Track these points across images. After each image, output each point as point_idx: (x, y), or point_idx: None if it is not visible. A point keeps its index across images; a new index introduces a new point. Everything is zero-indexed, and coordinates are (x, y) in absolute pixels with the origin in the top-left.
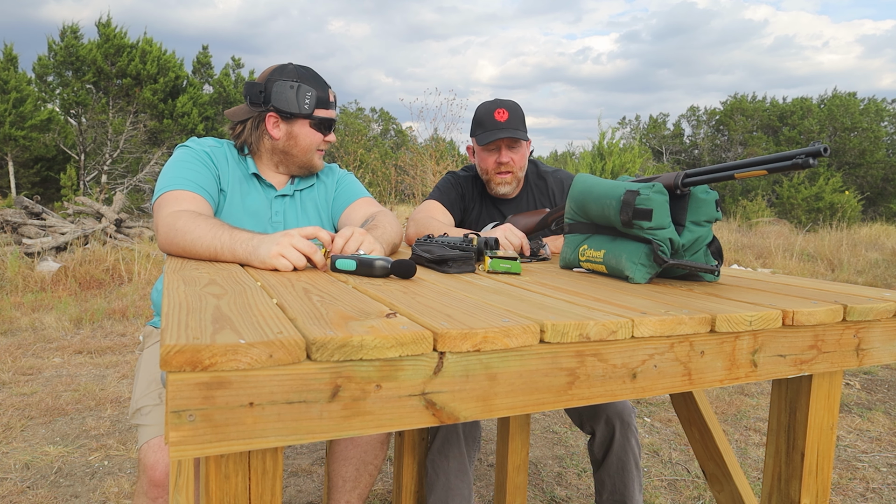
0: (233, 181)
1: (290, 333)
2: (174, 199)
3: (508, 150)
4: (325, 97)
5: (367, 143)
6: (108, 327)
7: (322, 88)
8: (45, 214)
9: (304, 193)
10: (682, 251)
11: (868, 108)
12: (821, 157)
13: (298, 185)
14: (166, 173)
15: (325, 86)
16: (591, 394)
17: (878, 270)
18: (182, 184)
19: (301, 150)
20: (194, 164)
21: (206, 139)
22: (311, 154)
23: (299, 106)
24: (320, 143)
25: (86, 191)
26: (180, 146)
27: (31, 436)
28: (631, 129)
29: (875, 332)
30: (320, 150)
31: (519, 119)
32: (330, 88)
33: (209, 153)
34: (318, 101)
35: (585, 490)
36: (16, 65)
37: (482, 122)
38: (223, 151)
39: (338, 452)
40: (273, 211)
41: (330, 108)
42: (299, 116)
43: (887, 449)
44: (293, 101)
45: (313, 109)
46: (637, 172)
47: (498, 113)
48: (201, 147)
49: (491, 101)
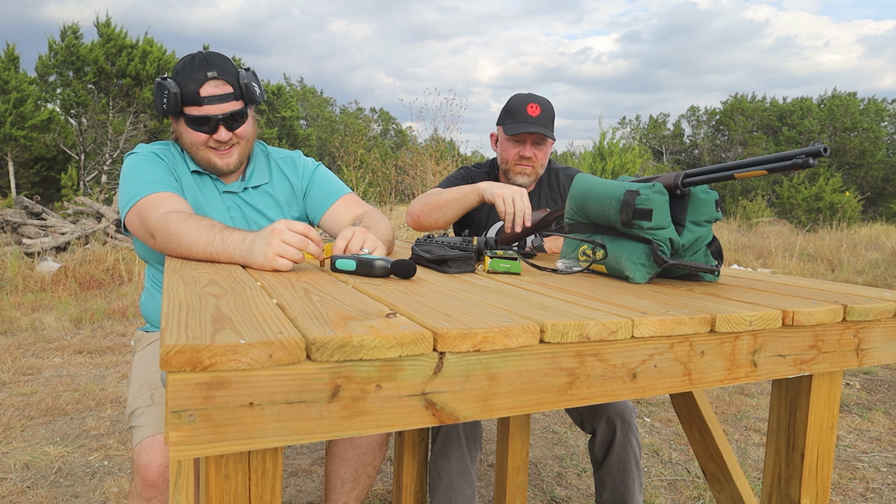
0: (186, 180)
1: (290, 333)
2: (153, 203)
3: (533, 146)
4: (194, 91)
5: (367, 143)
6: (108, 327)
7: (193, 81)
8: (45, 214)
9: (261, 190)
10: (682, 251)
11: (868, 108)
12: (821, 157)
13: (251, 181)
14: (129, 182)
15: (201, 78)
16: (591, 394)
17: (878, 270)
18: (151, 187)
19: (189, 149)
20: (152, 165)
21: (153, 143)
22: (200, 152)
23: (159, 106)
24: (206, 142)
25: (86, 191)
26: (129, 154)
27: (31, 436)
28: (631, 129)
29: (875, 332)
30: (216, 149)
31: (549, 117)
32: (210, 80)
33: (159, 154)
34: (185, 97)
35: (585, 490)
36: (17, 65)
37: (513, 112)
38: (170, 152)
39: (336, 453)
40: (226, 206)
41: (204, 104)
42: (166, 115)
43: (887, 449)
44: (156, 102)
45: (179, 107)
46: (637, 172)
47: (531, 107)
48: (150, 150)
49: (525, 94)
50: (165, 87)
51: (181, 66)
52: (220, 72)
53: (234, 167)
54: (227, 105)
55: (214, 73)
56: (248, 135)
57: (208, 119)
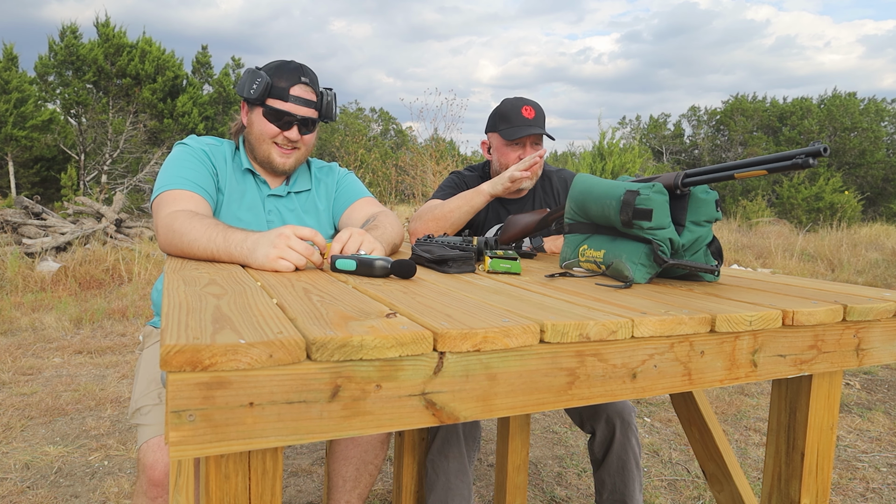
0: (230, 180)
1: (290, 333)
2: (172, 198)
3: (532, 148)
4: (285, 88)
5: (367, 143)
6: (108, 327)
7: (286, 79)
8: (45, 214)
9: (302, 196)
10: (682, 251)
11: (868, 108)
12: (821, 157)
13: (294, 186)
14: (165, 172)
15: (294, 79)
16: (591, 394)
17: (878, 270)
18: (180, 183)
19: (255, 139)
20: (192, 162)
21: (205, 137)
22: (264, 145)
23: (247, 89)
24: (276, 136)
25: (86, 191)
26: (178, 143)
27: (31, 436)
28: (631, 129)
29: (875, 332)
30: (280, 147)
31: (543, 119)
32: (302, 84)
33: (207, 151)
34: (273, 90)
35: (585, 490)
36: (17, 65)
37: (508, 117)
38: (221, 150)
39: (338, 452)
40: (266, 210)
41: (289, 101)
42: (250, 101)
43: (887, 449)
44: (245, 85)
45: (264, 97)
46: (637, 172)
47: (525, 110)
48: (199, 145)
49: (517, 98)
50: (259, 75)
51: (277, 64)
52: (312, 81)
53: (289, 170)
54: (308, 110)
55: (307, 80)
56: (310, 145)
57: (288, 116)
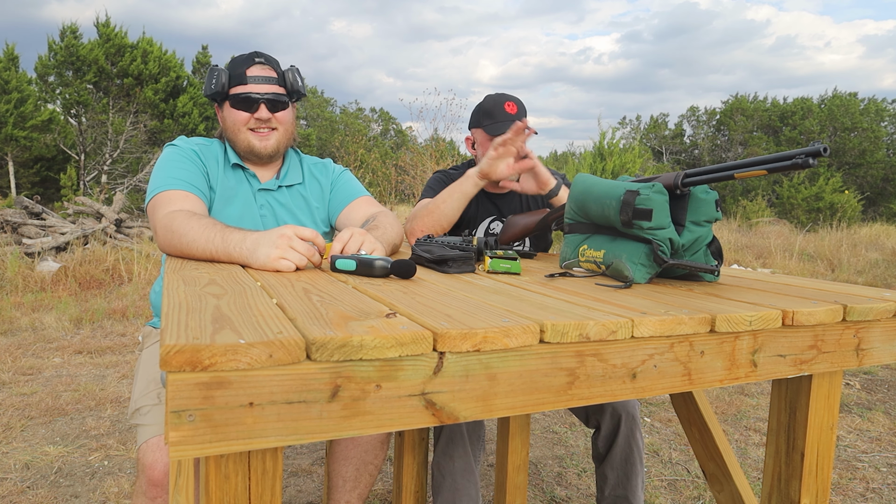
0: (221, 177)
1: (290, 333)
2: (168, 199)
3: None
4: (242, 72)
5: (367, 143)
6: (108, 327)
7: (242, 64)
8: (45, 214)
9: (294, 190)
10: (682, 251)
11: (868, 108)
12: (821, 157)
13: (285, 179)
14: (157, 173)
15: (249, 62)
16: (590, 394)
17: (878, 270)
18: (174, 183)
19: (231, 133)
20: (184, 162)
21: (195, 138)
22: (241, 135)
23: (208, 87)
24: (247, 122)
25: (86, 191)
26: (169, 145)
27: (31, 436)
28: (631, 129)
29: (875, 332)
30: (255, 131)
31: (525, 114)
32: (258, 63)
33: (197, 151)
34: (232, 78)
35: (585, 490)
36: (17, 65)
37: (492, 113)
38: (211, 149)
39: (338, 452)
40: (258, 204)
41: (249, 83)
42: (216, 98)
43: (887, 449)
44: (207, 85)
45: (227, 88)
46: (637, 172)
47: (508, 105)
48: (189, 145)
49: (498, 94)
50: (217, 69)
51: (234, 57)
52: (267, 59)
53: (272, 152)
54: (270, 87)
55: (262, 60)
56: (287, 124)
57: (251, 98)
